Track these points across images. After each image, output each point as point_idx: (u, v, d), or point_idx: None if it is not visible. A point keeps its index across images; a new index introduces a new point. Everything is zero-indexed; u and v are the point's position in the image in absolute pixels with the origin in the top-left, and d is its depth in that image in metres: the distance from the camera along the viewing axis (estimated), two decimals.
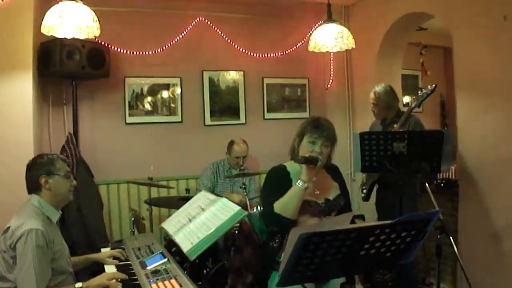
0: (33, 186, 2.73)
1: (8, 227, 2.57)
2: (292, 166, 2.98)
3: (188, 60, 5.61)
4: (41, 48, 4.52)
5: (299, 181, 2.75)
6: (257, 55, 5.85)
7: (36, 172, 2.72)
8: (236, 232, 3.63)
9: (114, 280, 2.61)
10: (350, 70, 6.15)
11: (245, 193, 4.66)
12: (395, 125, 3.98)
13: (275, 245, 2.85)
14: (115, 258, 3.13)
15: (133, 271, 2.81)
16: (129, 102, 5.39)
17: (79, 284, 2.56)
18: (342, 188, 3.06)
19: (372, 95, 4.37)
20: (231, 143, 5.24)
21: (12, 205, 2.80)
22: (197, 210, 3.17)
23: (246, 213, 2.92)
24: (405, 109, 4.14)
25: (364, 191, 4.41)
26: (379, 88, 4.36)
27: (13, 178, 3.93)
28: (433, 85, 3.81)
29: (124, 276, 2.66)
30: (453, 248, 3.24)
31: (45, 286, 2.46)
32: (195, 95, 5.72)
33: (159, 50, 5.34)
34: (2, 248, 2.55)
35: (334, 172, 3.10)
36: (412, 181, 3.65)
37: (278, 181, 2.92)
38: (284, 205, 2.75)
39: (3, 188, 4.01)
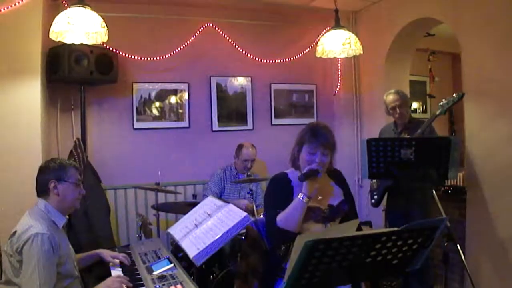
0: (41, 189, 2.75)
1: (15, 232, 2.58)
2: (294, 174, 2.97)
3: (195, 65, 5.63)
4: (49, 53, 4.55)
5: (300, 194, 2.73)
6: (265, 61, 5.86)
7: (47, 176, 2.73)
8: (243, 238, 3.62)
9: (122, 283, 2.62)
10: (357, 76, 6.14)
11: (252, 199, 4.67)
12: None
13: (281, 253, 2.84)
14: (120, 263, 3.13)
15: (139, 276, 2.81)
16: (136, 108, 5.41)
17: None
18: (346, 193, 3.03)
19: (394, 96, 4.29)
20: (240, 146, 5.26)
21: (21, 209, 2.81)
22: (204, 216, 3.17)
23: (252, 219, 2.92)
24: (414, 116, 4.12)
25: (375, 197, 4.40)
26: (396, 89, 4.34)
27: (22, 183, 3.98)
28: (461, 93, 3.78)
29: (129, 284, 2.66)
30: (460, 256, 3.22)
31: None
32: (203, 100, 5.73)
33: (167, 56, 5.36)
34: (9, 252, 2.57)
35: (337, 177, 3.07)
36: (423, 188, 3.63)
37: (280, 190, 2.91)
38: (287, 219, 2.73)
39: (12, 192, 4.03)
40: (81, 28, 3.12)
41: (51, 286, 2.48)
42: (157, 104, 5.52)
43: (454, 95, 3.79)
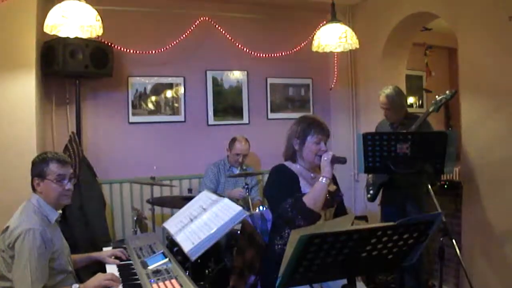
0: (32, 186, 2.74)
1: (7, 227, 2.57)
2: (292, 166, 3.07)
3: (191, 59, 5.61)
4: (44, 47, 4.53)
5: (322, 178, 2.85)
6: (261, 55, 5.83)
7: (32, 173, 2.71)
8: (239, 232, 3.62)
9: (111, 280, 2.60)
10: (354, 70, 6.13)
11: (247, 193, 4.66)
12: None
13: (280, 246, 2.86)
14: (116, 257, 3.12)
15: (134, 271, 2.80)
16: (132, 102, 5.39)
17: (76, 286, 2.55)
18: (336, 183, 3.16)
19: (383, 99, 4.26)
20: (233, 139, 5.24)
21: (15, 203, 2.79)
22: (199, 210, 3.16)
23: (247, 213, 2.92)
24: (410, 110, 4.11)
25: (371, 191, 4.40)
26: (389, 91, 4.28)
27: (16, 177, 3.96)
28: (453, 90, 3.79)
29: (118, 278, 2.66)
30: (456, 250, 3.22)
31: (41, 286, 2.45)
32: (199, 94, 5.72)
33: (162, 50, 5.33)
34: (1, 247, 2.55)
35: None
36: (419, 182, 3.63)
37: (289, 178, 2.99)
38: (315, 200, 2.81)
39: (6, 187, 4.02)
40: (76, 21, 3.09)
41: (43, 281, 2.47)
42: (153, 98, 5.50)
43: (447, 92, 3.80)
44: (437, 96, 3.86)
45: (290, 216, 2.84)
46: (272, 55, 5.89)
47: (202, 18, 5.55)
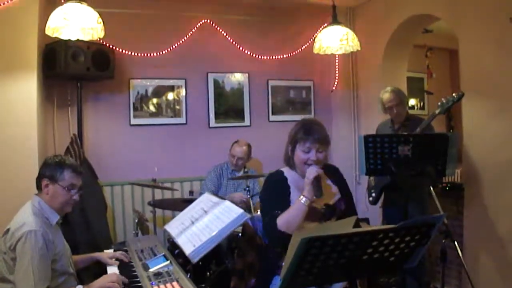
0: (37, 183, 2.74)
1: (8, 229, 2.57)
2: (289, 172, 2.93)
3: (193, 62, 5.61)
4: (46, 49, 4.53)
5: (302, 197, 2.66)
6: (262, 57, 5.84)
7: (43, 172, 2.71)
8: (240, 235, 3.62)
9: (116, 283, 2.60)
10: (355, 72, 6.13)
11: (249, 196, 4.65)
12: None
13: (278, 249, 2.83)
14: (118, 260, 3.11)
15: (135, 273, 2.80)
16: (133, 104, 5.39)
17: (80, 287, 2.55)
18: (342, 190, 2.96)
19: (390, 96, 4.25)
20: (235, 142, 5.24)
21: (17, 204, 2.79)
22: (200, 213, 3.16)
23: (248, 216, 2.91)
24: (412, 113, 4.09)
25: (373, 194, 4.39)
26: (392, 88, 4.30)
27: (18, 178, 3.98)
28: (460, 93, 3.77)
29: (125, 279, 2.65)
30: (458, 253, 3.22)
31: (44, 287, 2.45)
32: (200, 97, 5.72)
33: (164, 52, 5.34)
34: (3, 249, 2.55)
35: (333, 174, 3.00)
36: (420, 184, 3.62)
37: (278, 189, 2.86)
38: (288, 222, 2.64)
39: (8, 188, 4.02)
40: (77, 24, 3.11)
41: (46, 282, 2.47)
42: (154, 100, 5.50)
43: (454, 94, 3.78)
44: (443, 99, 3.83)
45: (267, 236, 2.79)
46: (274, 57, 5.89)
47: (203, 21, 5.56)
